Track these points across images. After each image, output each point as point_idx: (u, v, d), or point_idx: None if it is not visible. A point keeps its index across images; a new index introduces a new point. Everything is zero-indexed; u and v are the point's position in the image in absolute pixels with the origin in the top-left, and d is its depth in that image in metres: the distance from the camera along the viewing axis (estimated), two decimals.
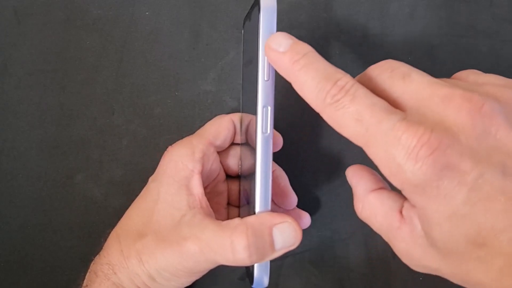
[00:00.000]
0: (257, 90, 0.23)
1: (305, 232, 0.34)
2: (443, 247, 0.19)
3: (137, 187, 0.30)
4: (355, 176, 0.24)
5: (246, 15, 0.28)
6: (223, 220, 0.26)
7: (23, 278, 0.34)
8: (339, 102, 0.20)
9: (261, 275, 0.25)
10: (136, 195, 0.30)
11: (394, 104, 0.20)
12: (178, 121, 0.37)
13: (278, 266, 0.33)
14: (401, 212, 0.21)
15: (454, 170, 0.18)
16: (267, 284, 0.26)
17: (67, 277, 0.34)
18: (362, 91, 0.20)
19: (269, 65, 0.23)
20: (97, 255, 0.29)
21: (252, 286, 0.26)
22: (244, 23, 0.30)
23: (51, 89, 0.38)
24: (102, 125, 0.37)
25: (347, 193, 0.22)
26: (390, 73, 0.21)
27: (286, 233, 0.24)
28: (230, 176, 0.33)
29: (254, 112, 0.24)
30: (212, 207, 0.28)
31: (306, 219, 0.32)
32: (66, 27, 0.39)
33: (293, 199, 0.32)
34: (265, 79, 0.23)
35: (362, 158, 0.24)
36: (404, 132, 0.18)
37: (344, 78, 0.20)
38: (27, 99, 0.37)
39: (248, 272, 0.27)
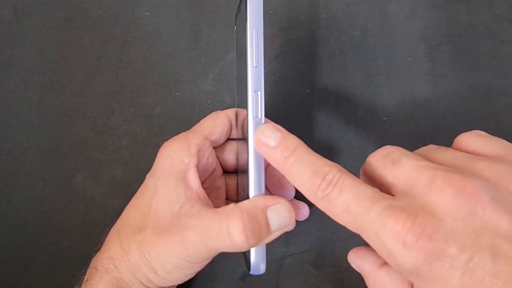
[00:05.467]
0: (246, 76, 0.24)
1: (305, 232, 0.34)
2: None
3: (137, 187, 0.30)
4: (358, 257, 0.25)
5: (237, 9, 0.28)
6: None
7: (23, 278, 0.34)
8: (329, 195, 0.21)
9: (257, 261, 0.25)
10: None
11: (387, 188, 0.21)
12: (178, 121, 0.37)
13: (278, 266, 0.33)
14: (411, 285, 0.22)
15: (443, 255, 0.18)
16: (264, 270, 0.26)
17: (67, 277, 0.34)
18: (348, 182, 0.21)
19: (258, 51, 0.23)
20: (97, 252, 0.29)
21: (250, 272, 0.26)
22: (235, 19, 0.30)
23: (51, 89, 0.38)
24: (102, 125, 0.37)
25: None
26: (383, 159, 0.22)
27: (280, 214, 0.25)
28: (228, 172, 0.33)
29: (246, 100, 0.24)
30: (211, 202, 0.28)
31: (304, 209, 0.32)
32: (65, 27, 0.39)
33: (290, 190, 0.31)
34: (254, 65, 0.23)
35: (360, 157, 0.24)
36: (389, 218, 0.19)
37: (332, 171, 0.21)
38: (27, 99, 0.37)
39: (246, 259, 0.27)
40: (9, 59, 0.38)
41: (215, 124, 0.30)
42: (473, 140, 0.23)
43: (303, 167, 0.22)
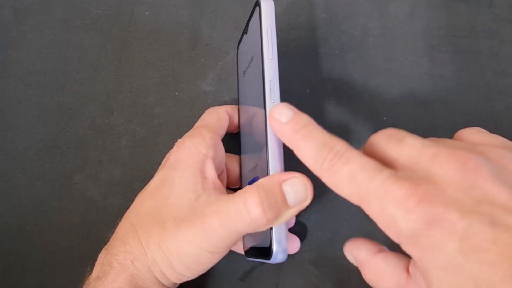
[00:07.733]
0: (263, 68, 0.26)
1: (305, 232, 0.34)
2: None
3: (136, 187, 0.30)
4: (354, 247, 0.25)
5: (242, 33, 0.32)
6: None
7: (22, 278, 0.34)
8: (335, 166, 0.22)
9: (277, 249, 0.25)
10: (135, 195, 0.30)
11: (390, 165, 0.22)
12: (178, 121, 0.37)
13: (278, 266, 0.33)
14: (407, 270, 0.22)
15: (443, 220, 0.18)
16: (284, 258, 0.26)
17: (65, 277, 0.34)
18: (354, 154, 0.22)
19: (272, 46, 0.26)
20: (107, 246, 0.28)
21: (270, 260, 0.26)
22: (238, 45, 0.34)
23: (50, 88, 0.38)
24: (101, 125, 0.37)
25: None
26: (388, 138, 0.23)
27: (296, 187, 0.25)
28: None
29: (261, 89, 0.27)
30: None
31: (296, 242, 0.32)
32: (65, 27, 0.39)
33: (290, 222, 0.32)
34: (270, 57, 0.26)
35: None
36: (393, 185, 0.20)
37: (339, 145, 0.22)
38: (26, 98, 0.37)
39: (261, 251, 0.27)
40: (8, 58, 0.38)
41: (220, 120, 0.31)
42: (474, 134, 0.24)
43: (312, 141, 0.23)
